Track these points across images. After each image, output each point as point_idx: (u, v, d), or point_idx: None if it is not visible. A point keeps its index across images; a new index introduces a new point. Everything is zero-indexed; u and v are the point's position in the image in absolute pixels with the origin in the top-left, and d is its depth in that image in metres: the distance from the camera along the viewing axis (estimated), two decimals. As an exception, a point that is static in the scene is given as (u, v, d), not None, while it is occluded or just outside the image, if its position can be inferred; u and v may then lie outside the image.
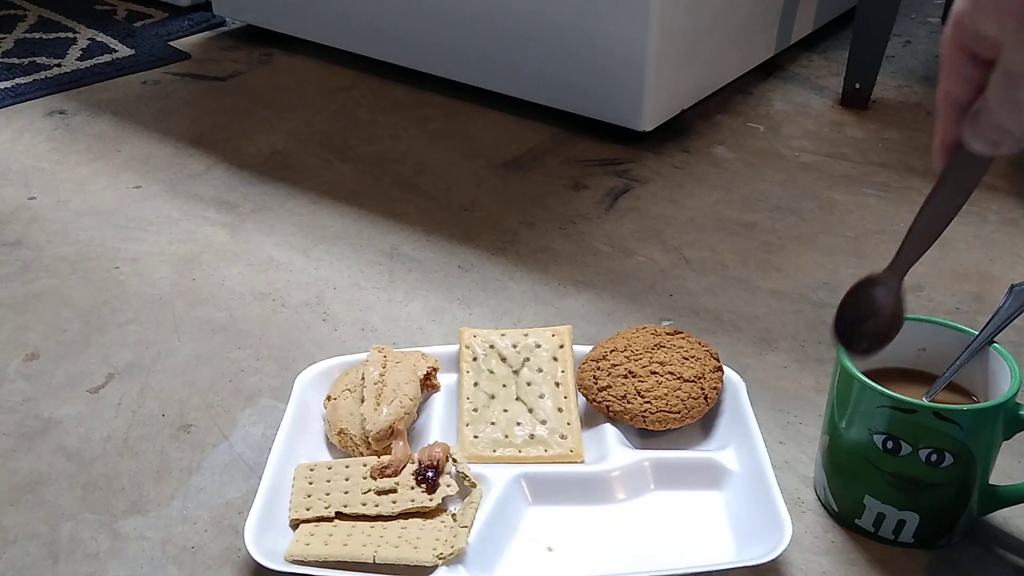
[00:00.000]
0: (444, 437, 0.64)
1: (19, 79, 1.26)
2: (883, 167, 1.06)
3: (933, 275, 0.87)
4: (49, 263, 0.88)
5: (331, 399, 0.66)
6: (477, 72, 1.17)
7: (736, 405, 0.65)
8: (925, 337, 0.61)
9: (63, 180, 1.03)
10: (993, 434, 0.56)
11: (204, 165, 1.06)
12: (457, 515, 0.58)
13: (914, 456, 0.56)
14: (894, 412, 0.55)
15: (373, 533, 0.57)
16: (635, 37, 1.02)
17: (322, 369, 0.69)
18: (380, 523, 0.58)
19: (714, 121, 1.15)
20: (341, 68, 1.30)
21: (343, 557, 0.55)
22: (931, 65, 1.32)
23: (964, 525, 0.59)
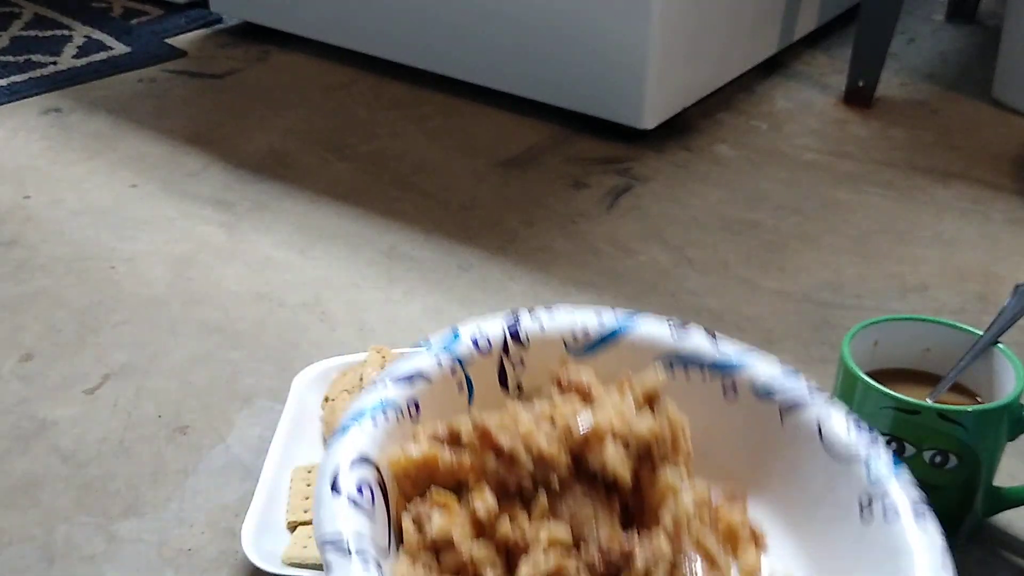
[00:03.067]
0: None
1: (14, 77, 1.25)
2: (887, 165, 1.05)
3: (938, 275, 0.86)
4: (44, 263, 0.88)
5: (329, 400, 0.65)
6: (477, 70, 1.16)
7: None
8: (929, 337, 0.61)
9: (58, 179, 1.02)
10: (998, 435, 0.56)
11: (201, 163, 1.05)
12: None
13: (918, 457, 0.55)
14: (898, 413, 0.55)
15: (371, 536, 0.56)
16: (636, 34, 1.01)
17: (320, 370, 0.68)
18: None
19: (716, 119, 1.14)
20: (339, 66, 1.29)
21: (340, 561, 0.54)
22: (935, 63, 1.32)
23: (969, 527, 0.59)
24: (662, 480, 0.29)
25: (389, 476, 0.29)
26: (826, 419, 0.32)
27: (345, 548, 0.26)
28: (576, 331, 0.34)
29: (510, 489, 0.28)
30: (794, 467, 0.32)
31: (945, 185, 1.01)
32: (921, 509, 0.30)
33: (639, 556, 0.27)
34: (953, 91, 1.23)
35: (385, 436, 0.30)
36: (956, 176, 1.03)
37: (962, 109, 1.19)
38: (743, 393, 0.34)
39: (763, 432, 0.33)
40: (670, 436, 0.29)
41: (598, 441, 0.28)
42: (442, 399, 0.32)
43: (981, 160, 1.06)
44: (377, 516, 0.28)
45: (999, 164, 1.06)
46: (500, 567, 0.27)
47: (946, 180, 1.02)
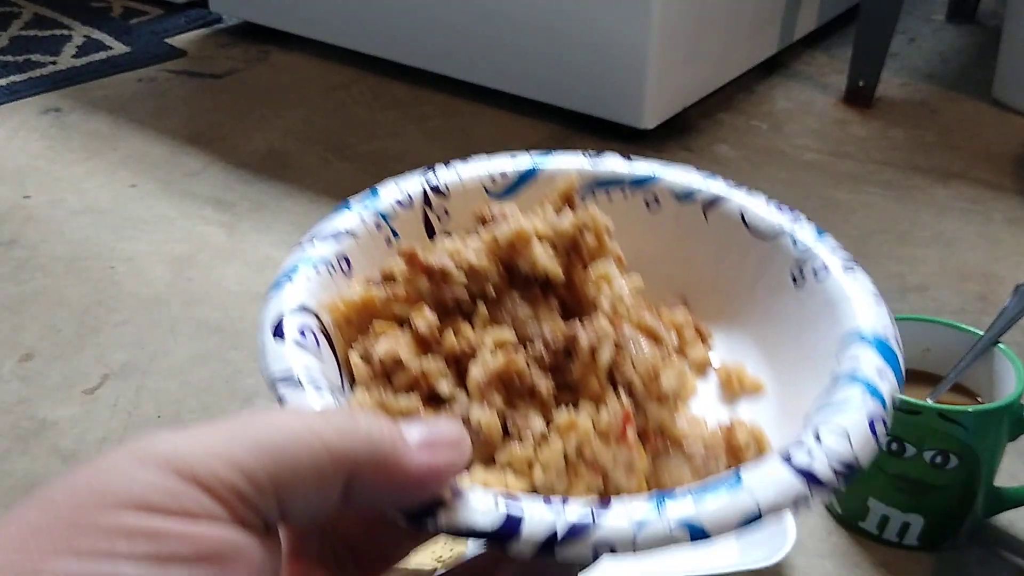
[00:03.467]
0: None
1: (14, 77, 1.25)
2: (887, 165, 1.05)
3: (938, 275, 0.86)
4: (44, 263, 0.87)
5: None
6: (477, 69, 1.16)
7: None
8: (929, 337, 0.61)
9: (58, 179, 1.02)
10: (998, 435, 0.56)
11: (200, 163, 1.05)
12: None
13: (918, 458, 0.55)
14: (898, 413, 0.55)
15: (371, 536, 0.56)
16: (636, 34, 1.01)
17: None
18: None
19: (716, 119, 1.14)
20: (339, 65, 1.29)
21: (340, 561, 0.54)
22: (935, 63, 1.32)
23: (969, 527, 0.58)
24: (594, 272, 0.30)
25: (330, 324, 0.29)
26: (748, 206, 0.33)
27: (297, 381, 0.26)
28: (494, 174, 0.35)
29: (448, 306, 0.29)
30: (724, 258, 0.33)
31: (945, 185, 1.01)
32: (850, 265, 0.30)
33: (583, 338, 0.27)
34: (953, 91, 1.23)
35: (320, 288, 0.30)
36: (956, 176, 1.03)
37: (962, 109, 1.19)
38: (665, 201, 0.34)
39: (690, 232, 0.34)
40: (595, 235, 0.29)
41: (524, 244, 0.29)
42: (371, 254, 0.32)
43: (981, 160, 1.06)
44: (325, 358, 0.28)
45: (999, 164, 1.05)
46: (452, 378, 0.27)
47: (946, 180, 1.02)
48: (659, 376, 0.28)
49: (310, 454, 0.21)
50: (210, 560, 0.19)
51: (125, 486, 0.19)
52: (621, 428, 0.27)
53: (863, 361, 0.27)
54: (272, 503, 0.21)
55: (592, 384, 0.27)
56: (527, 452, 0.26)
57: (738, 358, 0.32)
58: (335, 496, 0.22)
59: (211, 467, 0.20)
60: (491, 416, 0.26)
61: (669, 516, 0.23)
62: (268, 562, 0.21)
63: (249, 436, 0.21)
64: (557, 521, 0.22)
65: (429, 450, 0.23)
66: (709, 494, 0.23)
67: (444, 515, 0.23)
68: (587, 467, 0.26)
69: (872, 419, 0.26)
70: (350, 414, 0.23)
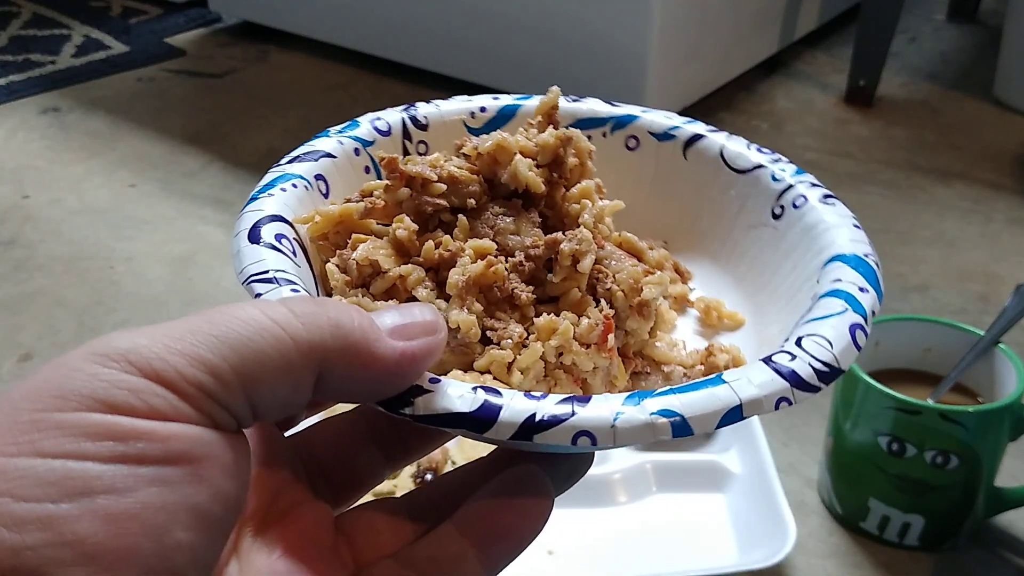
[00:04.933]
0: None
1: (13, 76, 1.25)
2: (888, 165, 1.05)
3: (938, 275, 0.86)
4: (43, 263, 0.87)
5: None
6: (476, 69, 1.16)
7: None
8: (930, 337, 0.61)
9: (57, 178, 1.02)
10: (999, 435, 0.56)
11: (200, 163, 1.05)
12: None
13: (919, 458, 0.55)
14: (899, 413, 0.54)
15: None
16: (637, 34, 1.01)
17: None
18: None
19: (717, 119, 1.14)
20: (339, 65, 1.29)
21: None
22: (936, 62, 1.32)
23: (970, 528, 0.58)
24: (577, 191, 0.29)
25: (307, 239, 0.29)
26: (727, 143, 0.33)
27: (272, 279, 0.25)
28: (474, 109, 0.34)
29: (427, 216, 0.28)
30: (704, 195, 0.33)
31: (946, 185, 1.01)
32: (830, 199, 0.30)
33: (565, 245, 0.27)
34: (954, 90, 1.23)
35: (297, 203, 0.29)
36: (957, 176, 1.03)
37: (963, 108, 1.18)
38: (645, 140, 0.34)
39: (670, 171, 0.34)
40: (578, 156, 0.29)
41: (506, 156, 0.28)
42: (349, 179, 0.31)
43: (982, 160, 1.06)
44: (302, 267, 0.27)
45: (1000, 164, 1.05)
46: (432, 287, 0.27)
47: (947, 180, 1.02)
48: (641, 288, 0.27)
49: (276, 347, 0.20)
50: (180, 461, 0.19)
51: (87, 385, 0.18)
52: (602, 334, 0.26)
53: (843, 278, 0.27)
54: (241, 399, 0.20)
55: (573, 293, 0.27)
56: (506, 355, 0.25)
57: (717, 295, 0.32)
58: (307, 389, 0.21)
59: (174, 364, 0.19)
60: (469, 317, 0.25)
61: (649, 407, 0.22)
62: (239, 462, 0.20)
63: (211, 331, 0.20)
64: (536, 407, 0.22)
65: (403, 335, 0.22)
66: (690, 390, 0.23)
67: (421, 401, 0.22)
68: (566, 373, 0.26)
69: (853, 326, 0.25)
70: (317, 301, 0.22)
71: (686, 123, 0.35)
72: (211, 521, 0.19)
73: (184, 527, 0.18)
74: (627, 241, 0.30)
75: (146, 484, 0.18)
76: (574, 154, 0.29)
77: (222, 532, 0.20)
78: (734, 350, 0.29)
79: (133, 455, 0.18)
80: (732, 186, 0.33)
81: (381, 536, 0.25)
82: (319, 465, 0.27)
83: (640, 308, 0.27)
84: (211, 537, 0.19)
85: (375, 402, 0.23)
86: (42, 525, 0.17)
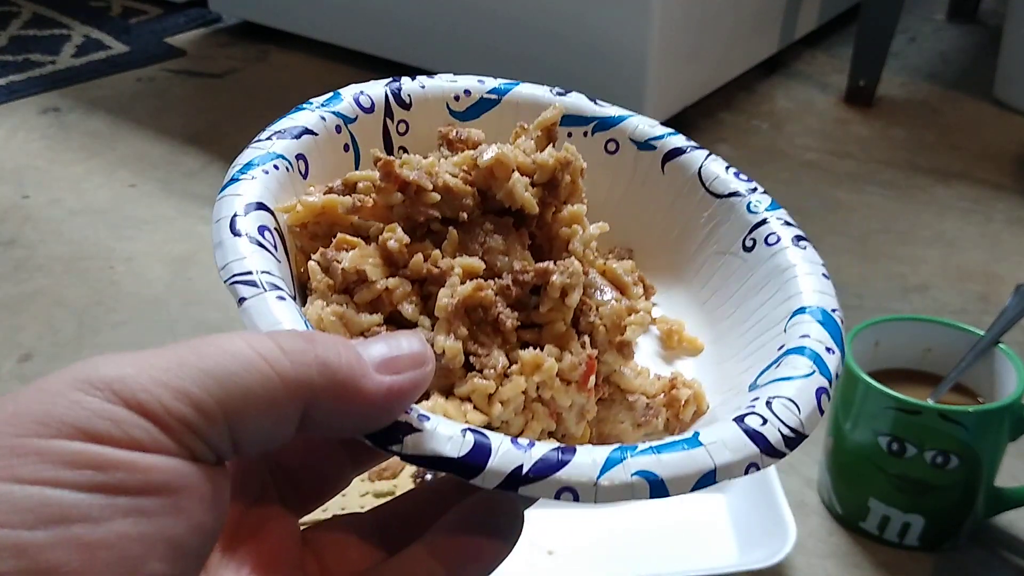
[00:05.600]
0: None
1: (13, 76, 1.25)
2: (888, 165, 1.05)
3: (938, 275, 0.86)
4: (43, 263, 0.87)
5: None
6: (476, 69, 1.16)
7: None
8: (930, 337, 0.61)
9: (57, 178, 1.02)
10: (999, 435, 0.56)
11: (200, 163, 1.05)
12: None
13: (919, 458, 0.55)
14: (899, 413, 0.54)
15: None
16: (637, 33, 1.01)
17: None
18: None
19: (717, 118, 1.14)
20: (339, 65, 1.29)
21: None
22: (936, 62, 1.32)
23: (970, 528, 0.58)
24: (568, 214, 0.29)
25: (285, 228, 0.28)
26: (706, 163, 0.33)
27: (256, 282, 0.25)
28: (458, 92, 0.34)
29: (418, 226, 0.28)
30: (677, 212, 0.33)
31: (946, 185, 1.01)
32: (801, 237, 0.30)
33: (555, 277, 0.26)
34: (954, 90, 1.23)
35: (278, 186, 0.29)
36: (957, 176, 1.03)
37: (963, 109, 1.18)
38: (625, 146, 0.34)
39: (645, 181, 0.33)
40: (571, 175, 0.29)
41: (504, 171, 0.28)
42: (328, 158, 0.31)
43: (982, 160, 1.06)
44: (282, 260, 0.27)
45: (1000, 164, 1.05)
46: (417, 302, 0.27)
47: (947, 180, 1.02)
48: (624, 328, 0.27)
49: (262, 383, 0.20)
50: (158, 492, 0.18)
51: (69, 413, 0.18)
52: (584, 374, 0.26)
53: (811, 335, 0.27)
54: (223, 434, 0.20)
55: (558, 326, 0.27)
56: (488, 385, 0.25)
57: (679, 316, 0.32)
58: (291, 424, 0.21)
59: (158, 396, 0.19)
60: (456, 344, 0.25)
61: (631, 467, 0.22)
62: (217, 494, 0.20)
63: (197, 364, 0.19)
64: (524, 458, 0.22)
65: (390, 369, 0.22)
66: (670, 451, 0.23)
67: (411, 440, 0.22)
68: (544, 406, 0.26)
69: (819, 390, 0.26)
70: (305, 336, 0.22)
71: (669, 135, 0.34)
72: (186, 552, 0.19)
73: (159, 558, 0.18)
74: (611, 272, 0.29)
75: (123, 514, 0.18)
76: (569, 171, 0.29)
77: (197, 563, 0.20)
78: (695, 385, 0.29)
79: (111, 485, 0.18)
80: (706, 208, 0.32)
81: (349, 552, 0.25)
82: (286, 472, 0.27)
83: (620, 347, 0.27)
84: (185, 568, 0.19)
85: (361, 436, 0.23)
86: (16, 552, 0.17)
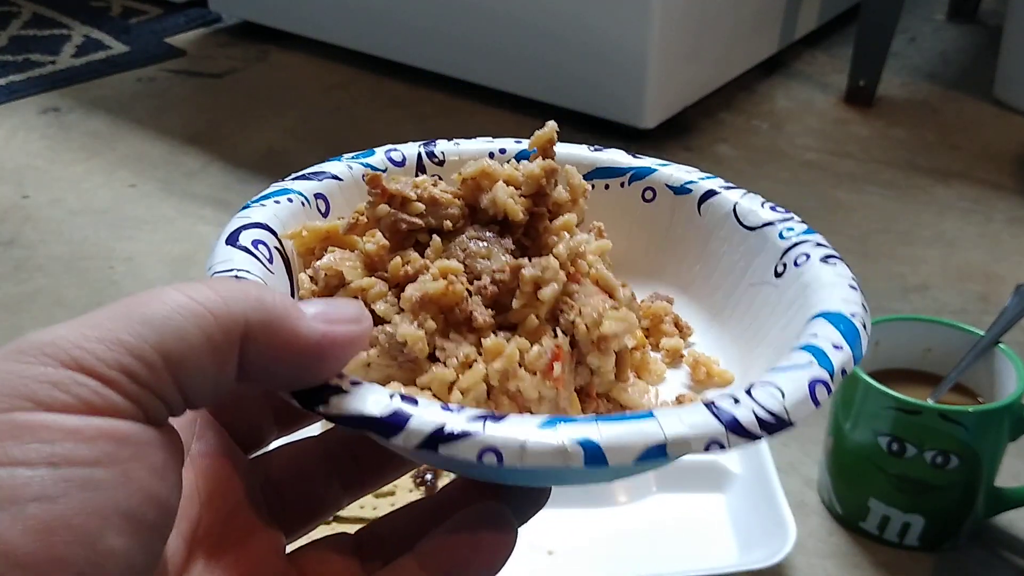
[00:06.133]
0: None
1: (13, 76, 1.25)
2: (888, 165, 1.05)
3: (938, 275, 0.86)
4: (43, 263, 0.87)
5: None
6: (476, 68, 1.16)
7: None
8: (930, 337, 0.61)
9: (57, 178, 1.02)
10: (999, 435, 0.56)
11: (200, 163, 1.05)
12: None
13: (919, 458, 0.55)
14: (899, 413, 0.54)
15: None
16: (637, 33, 1.01)
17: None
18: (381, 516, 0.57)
19: (717, 119, 1.14)
20: (338, 65, 1.29)
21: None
22: (936, 62, 1.32)
23: (970, 528, 0.58)
24: (559, 224, 0.29)
25: (292, 251, 0.29)
26: (741, 200, 0.33)
27: (234, 277, 0.25)
28: (493, 151, 0.34)
29: (403, 236, 0.28)
30: (715, 250, 0.33)
31: (946, 185, 1.01)
32: (832, 258, 0.30)
33: (527, 271, 0.26)
34: (954, 90, 1.23)
35: (289, 216, 0.29)
36: (957, 176, 1.03)
37: (963, 109, 1.18)
38: (661, 192, 0.34)
39: (683, 224, 0.34)
40: (570, 192, 0.29)
41: (490, 182, 0.28)
42: (352, 203, 0.31)
43: (982, 160, 1.06)
44: (277, 274, 0.27)
45: (1000, 164, 1.05)
46: (394, 302, 0.27)
47: (947, 180, 1.02)
48: (602, 321, 0.27)
49: (196, 322, 0.20)
50: (108, 462, 0.18)
51: (7, 383, 0.18)
52: (549, 362, 0.26)
53: (820, 333, 0.26)
54: (167, 380, 0.19)
55: (530, 320, 0.26)
56: (448, 373, 0.25)
57: (714, 352, 0.32)
58: (232, 365, 0.21)
59: (93, 351, 0.18)
60: (417, 332, 0.25)
61: (565, 431, 0.22)
62: (167, 461, 0.19)
63: (129, 314, 0.19)
64: (448, 418, 0.22)
65: (326, 320, 0.22)
66: (615, 421, 0.22)
67: (336, 400, 0.22)
68: (510, 400, 0.25)
69: (814, 381, 0.24)
70: (240, 281, 0.21)
71: (703, 178, 0.35)
72: (144, 525, 0.19)
73: (117, 532, 0.18)
74: (602, 278, 0.29)
75: (77, 489, 0.18)
76: (567, 189, 0.29)
77: (158, 536, 0.19)
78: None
79: (61, 456, 0.18)
80: (742, 243, 0.32)
81: (335, 569, 0.25)
82: (276, 489, 0.26)
83: (599, 342, 0.26)
84: (145, 542, 0.19)
85: (296, 391, 0.22)
86: None
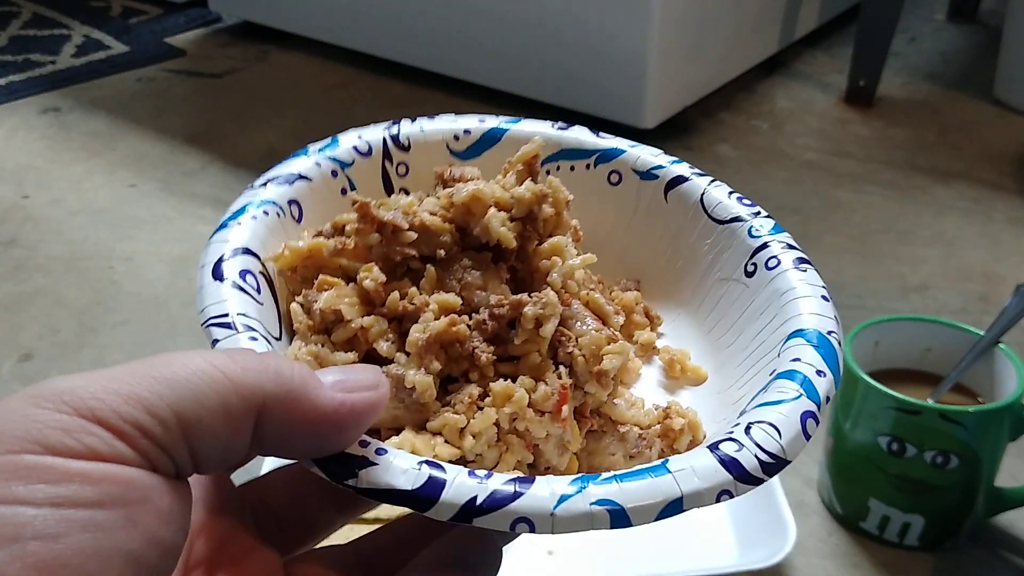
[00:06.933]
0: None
1: (13, 76, 1.25)
2: (888, 165, 1.05)
3: (938, 275, 0.86)
4: (43, 262, 0.87)
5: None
6: (476, 69, 1.16)
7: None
8: (930, 337, 0.61)
9: (57, 178, 1.02)
10: (999, 435, 0.56)
11: (199, 163, 1.05)
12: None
13: (919, 458, 0.55)
14: (899, 413, 0.54)
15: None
16: (637, 33, 1.01)
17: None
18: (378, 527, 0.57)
19: (717, 119, 1.14)
20: (338, 65, 1.29)
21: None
22: (936, 62, 1.32)
23: (970, 528, 0.58)
24: (549, 245, 0.29)
25: (275, 273, 0.29)
26: (709, 189, 0.33)
27: (231, 324, 0.25)
28: (458, 132, 0.34)
29: (396, 265, 0.28)
30: (680, 240, 0.33)
31: (946, 185, 1.01)
32: (802, 260, 0.30)
33: (529, 308, 0.26)
34: (954, 91, 1.23)
35: (267, 232, 0.29)
36: (957, 176, 1.03)
37: (963, 109, 1.18)
38: (628, 177, 0.34)
39: (649, 210, 0.33)
40: (554, 206, 0.29)
41: (480, 207, 0.28)
42: (325, 202, 0.31)
43: (982, 160, 1.06)
44: (265, 304, 0.27)
45: (1000, 164, 1.05)
46: (394, 340, 0.27)
47: (947, 180, 1.02)
48: (602, 356, 0.27)
49: (214, 388, 0.20)
50: (113, 504, 0.18)
51: (21, 427, 0.18)
52: (557, 404, 0.26)
53: (802, 358, 0.27)
54: (179, 441, 0.20)
55: (533, 357, 0.27)
56: (459, 419, 0.25)
57: (684, 345, 0.32)
58: (246, 435, 0.21)
59: (110, 403, 0.19)
60: (426, 378, 0.25)
61: (590, 496, 0.22)
62: (177, 509, 0.20)
63: (149, 373, 0.20)
64: (479, 489, 0.22)
65: (343, 389, 0.22)
66: (633, 479, 0.23)
67: (365, 474, 0.22)
68: (519, 438, 0.26)
69: (805, 414, 0.25)
70: (260, 353, 0.22)
71: (671, 163, 0.34)
72: (145, 568, 0.19)
73: (117, 573, 0.18)
74: (593, 302, 0.29)
75: (79, 530, 0.18)
76: (551, 203, 0.29)
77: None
78: (690, 414, 0.29)
79: (65, 497, 0.18)
80: (709, 235, 0.32)
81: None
82: (271, 512, 0.26)
83: (599, 377, 0.27)
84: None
85: (319, 465, 0.22)
86: None
